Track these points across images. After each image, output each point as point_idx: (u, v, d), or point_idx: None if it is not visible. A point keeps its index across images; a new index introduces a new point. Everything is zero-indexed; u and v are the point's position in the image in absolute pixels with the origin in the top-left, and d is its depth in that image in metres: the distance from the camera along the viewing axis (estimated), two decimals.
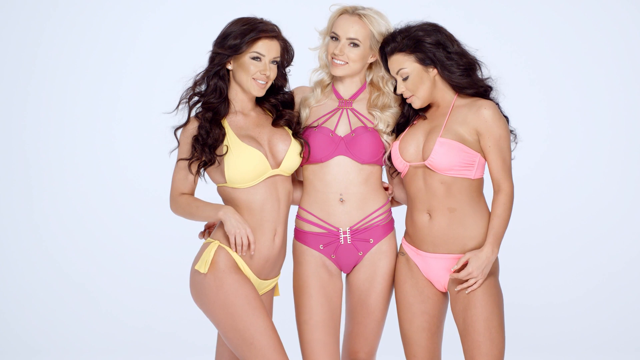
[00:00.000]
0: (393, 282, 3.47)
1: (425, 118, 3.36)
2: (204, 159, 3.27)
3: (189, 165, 3.29)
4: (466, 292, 3.23)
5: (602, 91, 6.09)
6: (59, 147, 6.12)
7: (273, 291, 3.49)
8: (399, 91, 3.32)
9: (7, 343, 5.68)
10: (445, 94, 3.34)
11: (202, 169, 3.30)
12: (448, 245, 3.29)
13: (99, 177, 6.09)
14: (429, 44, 3.26)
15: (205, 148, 3.26)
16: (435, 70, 3.29)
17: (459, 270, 3.24)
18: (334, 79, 3.50)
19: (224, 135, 3.29)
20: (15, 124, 6.12)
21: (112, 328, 5.75)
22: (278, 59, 3.32)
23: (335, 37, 3.40)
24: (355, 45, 3.38)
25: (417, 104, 3.32)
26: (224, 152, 3.27)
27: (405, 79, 3.30)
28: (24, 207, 6.08)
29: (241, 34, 3.26)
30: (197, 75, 3.34)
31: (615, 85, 6.08)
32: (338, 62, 3.40)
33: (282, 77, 3.40)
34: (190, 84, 3.35)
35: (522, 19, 6.12)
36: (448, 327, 3.55)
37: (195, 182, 3.34)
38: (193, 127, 3.31)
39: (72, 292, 5.91)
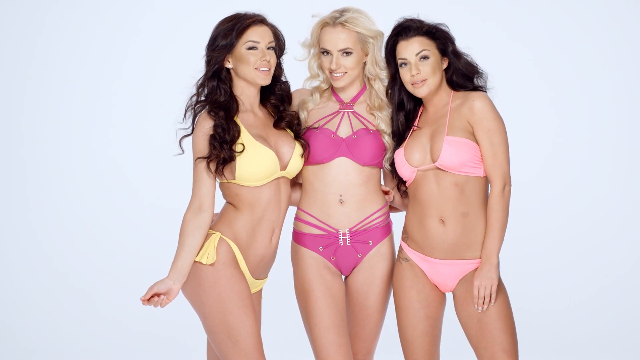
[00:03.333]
0: (391, 284, 3.47)
1: (419, 128, 3.36)
2: (223, 155, 3.23)
3: (208, 164, 3.25)
4: (492, 304, 3.21)
5: (607, 94, 6.10)
6: (57, 148, 6.12)
7: (260, 293, 3.49)
8: (413, 72, 3.28)
9: (5, 345, 5.67)
10: (442, 93, 3.35)
11: (222, 166, 3.26)
12: (461, 251, 3.28)
13: (96, 178, 6.09)
14: (447, 37, 3.31)
15: (224, 145, 3.23)
16: (445, 65, 3.32)
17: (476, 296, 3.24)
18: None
19: (239, 131, 3.27)
20: (12, 125, 6.12)
21: (110, 331, 5.75)
22: (273, 44, 3.32)
23: (326, 52, 3.39)
24: (349, 53, 3.38)
25: (424, 90, 3.29)
26: (240, 150, 3.25)
27: (425, 59, 3.28)
28: (21, 208, 6.08)
29: (230, 30, 3.26)
30: (198, 80, 3.33)
31: (621, 88, 6.08)
32: (337, 75, 3.40)
33: (277, 66, 3.39)
34: (193, 90, 3.33)
35: (530, 19, 6.11)
36: (448, 328, 3.54)
37: (215, 180, 3.30)
38: (209, 126, 3.27)
39: (69, 295, 5.90)
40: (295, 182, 3.53)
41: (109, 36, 6.14)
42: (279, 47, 3.36)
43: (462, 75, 3.34)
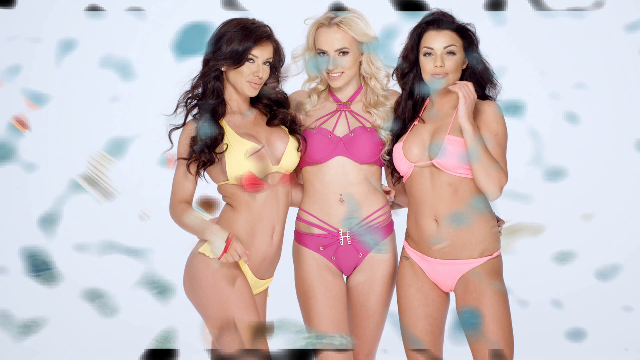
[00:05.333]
0: (393, 284, 3.48)
1: (423, 122, 3.35)
2: (202, 158, 3.27)
3: (188, 166, 3.29)
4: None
5: (604, 90, 6.08)
6: (57, 147, 6.12)
7: (266, 292, 3.49)
8: (437, 63, 3.27)
9: (5, 343, 5.66)
10: (452, 93, 3.34)
11: (202, 169, 3.30)
12: (456, 251, 3.29)
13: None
14: (474, 39, 3.33)
15: (203, 148, 3.26)
16: (464, 66, 3.33)
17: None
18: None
19: (222, 134, 3.30)
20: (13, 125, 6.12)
21: (110, 328, 5.73)
22: (270, 60, 3.34)
23: (322, 53, 3.39)
24: (345, 53, 3.39)
25: (442, 83, 3.29)
26: (223, 149, 3.27)
27: (452, 54, 3.28)
28: (21, 205, 6.08)
29: (237, 40, 3.27)
30: (194, 78, 3.36)
31: (618, 84, 6.06)
32: (334, 75, 3.41)
33: (274, 78, 3.41)
34: (187, 87, 3.36)
35: (529, 22, 6.11)
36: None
37: (195, 182, 3.34)
38: (191, 127, 3.32)
39: (69, 292, 5.88)
40: (298, 183, 3.54)
41: (111, 36, 6.15)
42: (279, 62, 3.38)
43: (477, 81, 3.34)
